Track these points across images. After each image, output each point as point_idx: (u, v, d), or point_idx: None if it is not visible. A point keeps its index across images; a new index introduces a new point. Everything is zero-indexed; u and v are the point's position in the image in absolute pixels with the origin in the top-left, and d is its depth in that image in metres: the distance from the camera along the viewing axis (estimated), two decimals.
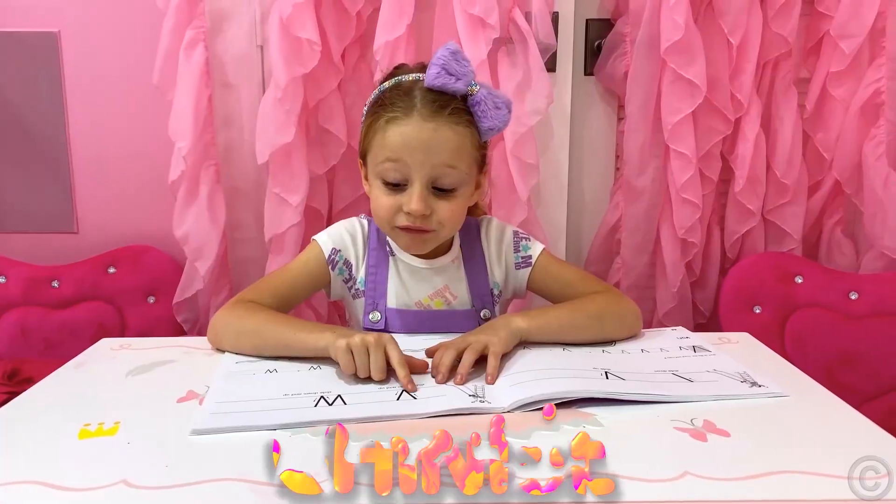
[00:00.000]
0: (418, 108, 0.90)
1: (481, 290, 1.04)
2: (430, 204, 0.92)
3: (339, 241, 1.03)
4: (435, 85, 0.90)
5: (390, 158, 0.91)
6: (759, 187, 1.45)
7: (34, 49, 1.48)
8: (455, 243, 1.05)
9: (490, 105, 0.92)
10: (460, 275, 1.04)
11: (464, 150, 0.92)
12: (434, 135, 0.90)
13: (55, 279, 1.48)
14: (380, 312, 1.01)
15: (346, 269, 1.03)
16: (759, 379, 0.79)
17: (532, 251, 1.06)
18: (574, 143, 1.49)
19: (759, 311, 1.44)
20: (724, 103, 1.41)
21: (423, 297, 1.02)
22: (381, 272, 1.03)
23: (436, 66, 0.90)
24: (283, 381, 0.80)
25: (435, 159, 0.90)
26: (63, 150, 1.52)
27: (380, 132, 0.93)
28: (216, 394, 0.77)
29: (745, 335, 0.96)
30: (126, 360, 0.87)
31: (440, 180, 0.92)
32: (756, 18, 1.38)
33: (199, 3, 1.36)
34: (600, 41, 1.47)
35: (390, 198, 0.93)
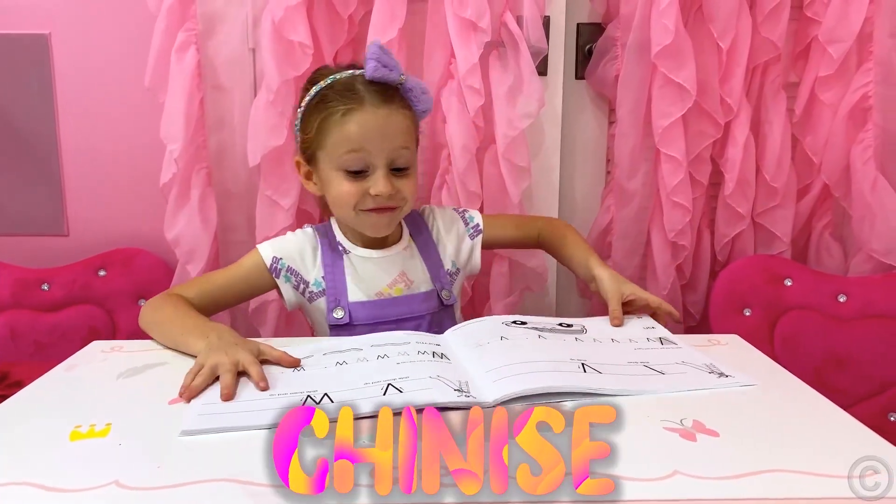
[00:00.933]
0: (368, 99, 0.99)
1: (438, 271, 1.11)
2: (394, 184, 1.00)
3: (280, 250, 1.08)
4: (375, 77, 1.00)
5: (353, 149, 0.99)
6: (749, 190, 1.46)
7: (24, 51, 1.48)
8: (404, 232, 1.12)
9: (419, 91, 1.05)
10: (415, 260, 1.10)
11: (411, 132, 1.04)
12: (387, 121, 1.00)
13: (45, 282, 1.48)
14: (343, 308, 1.04)
15: (292, 276, 1.07)
16: (726, 370, 0.82)
17: (477, 219, 1.18)
18: (565, 146, 1.50)
19: (748, 313, 1.45)
20: (714, 107, 1.42)
21: (383, 286, 1.07)
22: (338, 270, 1.07)
23: (372, 61, 1.00)
24: (270, 381, 0.80)
25: (392, 143, 1.00)
26: (53, 153, 1.52)
27: (336, 126, 1.00)
28: (204, 394, 0.77)
29: (734, 337, 0.97)
30: (117, 363, 0.87)
31: (397, 161, 1.01)
32: (745, 23, 1.39)
33: (191, 5, 1.35)
34: (591, 45, 1.48)
35: (354, 185, 1.00)
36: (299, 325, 1.44)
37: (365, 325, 1.04)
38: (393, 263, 1.08)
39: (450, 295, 1.09)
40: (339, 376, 0.81)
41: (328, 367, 0.84)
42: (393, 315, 1.05)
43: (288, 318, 1.44)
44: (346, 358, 0.86)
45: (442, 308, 1.09)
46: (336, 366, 0.84)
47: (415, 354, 0.85)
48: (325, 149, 1.02)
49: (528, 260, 1.42)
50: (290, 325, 1.44)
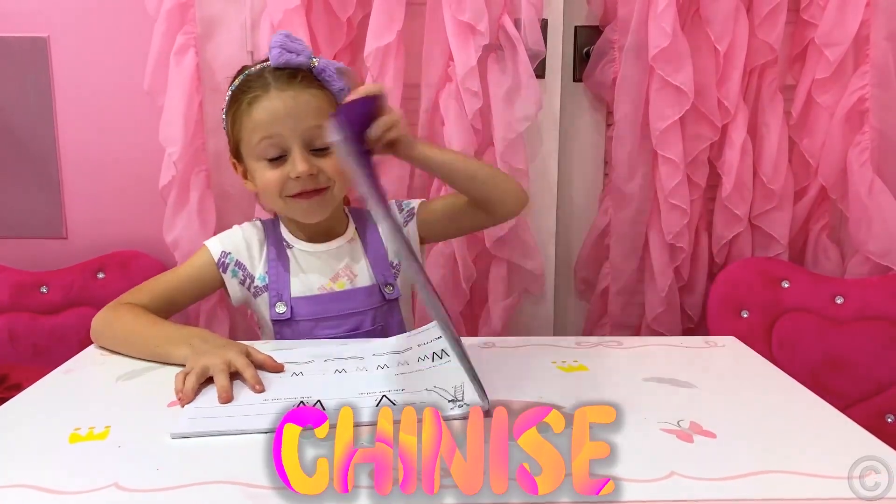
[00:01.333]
0: (272, 84, 0.99)
1: (381, 265, 1.08)
2: (313, 164, 0.98)
3: (228, 244, 1.07)
4: (280, 63, 0.99)
5: (265, 136, 0.98)
6: (746, 193, 1.47)
7: (23, 54, 1.48)
8: (350, 226, 1.10)
9: (333, 71, 1.02)
10: (358, 254, 1.08)
11: (325, 111, 0.99)
12: (294, 101, 0.98)
13: (43, 285, 1.48)
14: (285, 303, 1.03)
15: (240, 269, 1.06)
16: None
17: (414, 203, 1.13)
18: (563, 149, 1.50)
19: (746, 315, 1.46)
20: (712, 110, 1.42)
21: (326, 281, 1.05)
22: (282, 265, 1.06)
23: (276, 48, 1.00)
24: (265, 384, 0.80)
25: (303, 123, 0.98)
26: (52, 155, 1.52)
27: (245, 116, 1.00)
28: (198, 398, 0.77)
29: (732, 339, 0.97)
30: (115, 366, 0.87)
31: (314, 141, 0.99)
32: (742, 26, 1.39)
33: (190, 8, 1.36)
34: (589, 48, 1.48)
35: (275, 171, 0.99)
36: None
37: (307, 320, 1.03)
38: (336, 257, 1.07)
39: (393, 289, 1.07)
40: (336, 384, 0.80)
41: (326, 374, 0.83)
42: (334, 311, 1.04)
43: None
44: (345, 366, 0.86)
45: (385, 303, 1.06)
46: (335, 373, 0.84)
47: (415, 363, 0.85)
48: (243, 141, 1.02)
49: (525, 262, 1.42)
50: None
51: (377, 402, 0.75)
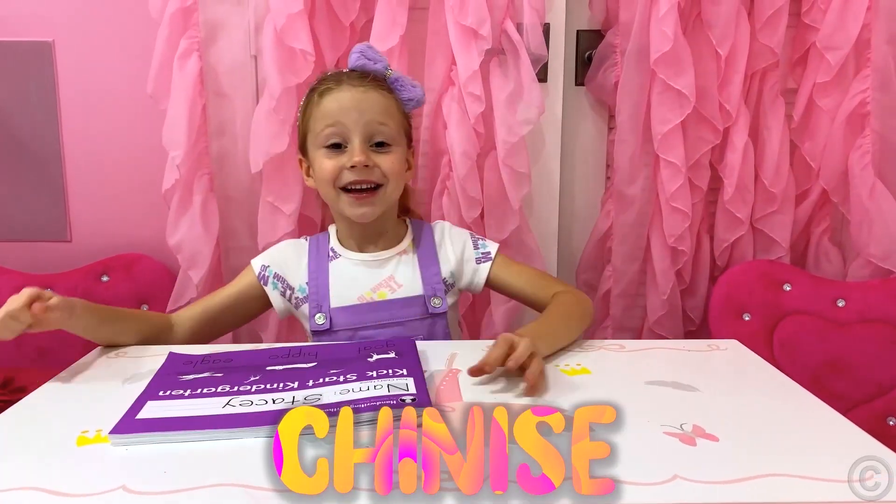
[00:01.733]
0: (345, 80, 1.05)
1: (432, 278, 1.09)
2: (370, 157, 1.02)
3: (268, 259, 1.11)
4: (357, 65, 1.06)
5: (329, 124, 1.02)
6: (748, 196, 1.47)
7: (28, 58, 1.49)
8: (406, 237, 1.12)
9: (407, 82, 1.08)
10: (409, 264, 1.09)
11: (392, 112, 1.05)
12: (364, 96, 1.03)
13: (48, 287, 1.45)
14: (324, 314, 1.05)
15: (279, 282, 1.08)
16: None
17: (490, 248, 1.15)
18: (565, 152, 1.50)
19: (748, 318, 1.46)
20: (713, 113, 1.42)
21: (366, 290, 1.07)
22: (322, 275, 1.08)
23: (355, 53, 1.07)
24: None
25: (367, 116, 1.02)
26: (56, 159, 1.53)
27: (315, 107, 1.05)
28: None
29: (734, 342, 0.97)
30: (121, 368, 0.88)
31: (375, 136, 1.03)
32: (744, 30, 1.40)
33: (194, 13, 1.36)
34: (591, 52, 1.48)
35: (333, 160, 1.03)
36: (301, 330, 1.44)
37: (346, 330, 1.04)
38: (381, 266, 1.08)
39: (441, 302, 1.07)
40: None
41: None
42: (372, 320, 1.04)
43: (291, 323, 1.44)
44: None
45: (429, 315, 1.06)
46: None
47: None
48: (310, 132, 1.06)
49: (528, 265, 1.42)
50: (292, 331, 1.45)
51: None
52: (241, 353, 0.92)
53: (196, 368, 0.85)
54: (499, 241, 1.38)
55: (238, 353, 0.92)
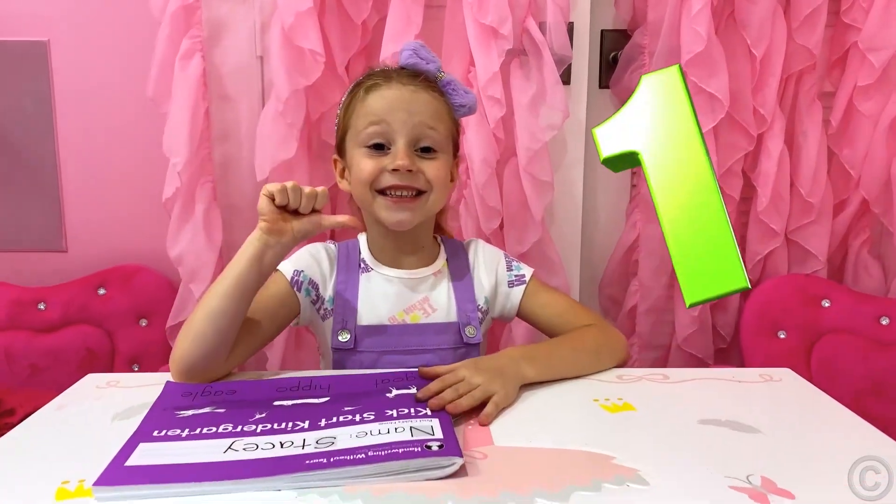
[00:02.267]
0: (396, 77, 0.95)
1: (467, 304, 0.98)
2: (415, 161, 0.92)
3: (300, 263, 0.98)
4: (408, 63, 0.96)
5: (373, 122, 0.92)
6: (783, 206, 1.39)
7: (22, 59, 1.41)
8: (440, 256, 1.02)
9: (460, 87, 0.98)
10: (444, 287, 0.99)
11: (442, 116, 0.95)
12: (414, 96, 0.93)
13: (41, 301, 1.40)
14: (349, 331, 0.94)
15: (313, 288, 0.97)
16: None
17: (524, 272, 1.04)
18: (588, 159, 1.42)
19: (783, 336, 1.38)
20: (747, 118, 1.35)
21: (398, 311, 0.97)
22: (350, 289, 0.97)
23: (408, 50, 0.96)
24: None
25: (416, 119, 0.92)
26: (52, 165, 1.45)
27: (360, 103, 0.95)
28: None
29: (788, 372, 0.88)
30: (112, 401, 0.79)
31: (422, 140, 0.93)
32: (780, 29, 1.32)
33: (196, 11, 1.29)
34: (616, 53, 1.41)
35: (374, 160, 0.93)
36: (308, 348, 1.36)
37: (371, 352, 0.94)
38: (416, 286, 0.98)
39: (475, 332, 0.96)
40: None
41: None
42: (402, 345, 0.94)
43: (298, 340, 1.36)
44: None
45: (463, 345, 0.96)
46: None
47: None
48: (351, 129, 0.96)
49: (549, 279, 1.34)
50: (299, 347, 1.37)
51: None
52: (245, 383, 0.84)
53: (196, 402, 0.76)
54: (519, 254, 1.32)
55: (242, 383, 0.84)
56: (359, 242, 1.02)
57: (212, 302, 0.84)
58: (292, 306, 0.96)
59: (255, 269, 0.84)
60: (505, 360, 0.84)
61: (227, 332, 0.84)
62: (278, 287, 0.95)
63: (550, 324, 1.00)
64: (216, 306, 0.83)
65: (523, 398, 0.80)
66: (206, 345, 0.83)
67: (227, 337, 0.84)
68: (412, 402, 0.73)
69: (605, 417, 0.74)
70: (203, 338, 0.83)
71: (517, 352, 0.89)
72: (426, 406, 0.72)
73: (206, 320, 0.83)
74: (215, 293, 0.84)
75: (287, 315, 0.96)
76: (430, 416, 0.69)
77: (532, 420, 0.74)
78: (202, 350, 0.83)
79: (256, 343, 0.92)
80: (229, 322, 0.84)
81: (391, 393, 0.76)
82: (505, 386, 0.79)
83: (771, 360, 1.36)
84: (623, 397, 0.79)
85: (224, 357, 0.85)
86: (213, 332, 0.83)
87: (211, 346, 0.83)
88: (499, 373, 0.80)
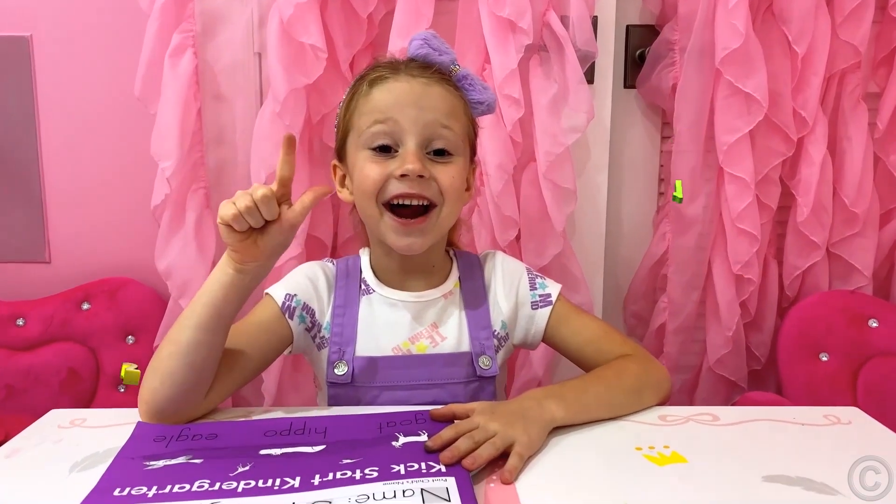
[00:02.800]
0: (405, 69, 0.83)
1: (481, 331, 0.86)
2: (426, 166, 0.80)
3: (293, 286, 0.87)
4: (418, 54, 0.85)
5: (378, 119, 0.80)
6: (825, 217, 1.28)
7: (3, 56, 1.33)
8: (452, 274, 0.89)
9: (477, 82, 0.87)
10: (455, 311, 0.87)
11: (457, 114, 0.84)
12: (426, 89, 0.82)
13: (20, 316, 1.31)
14: (346, 363, 0.83)
15: (307, 315, 0.86)
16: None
17: (550, 290, 0.91)
18: (613, 164, 1.32)
19: (825, 358, 1.26)
20: (786, 121, 1.24)
21: (402, 340, 0.85)
22: (350, 313, 0.86)
23: (418, 40, 0.85)
24: None
25: (428, 116, 0.80)
26: (34, 169, 1.36)
27: (362, 99, 0.83)
28: None
29: (856, 412, 0.77)
30: (73, 445, 0.68)
31: (435, 141, 0.81)
32: (823, 25, 1.22)
33: (188, 3, 1.20)
34: (643, 50, 1.30)
35: (379, 165, 0.80)
36: (308, 371, 1.26)
37: (370, 387, 0.83)
38: (424, 311, 0.86)
39: (490, 363, 0.84)
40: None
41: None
42: (406, 379, 0.82)
43: (295, 361, 1.26)
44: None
45: (476, 378, 0.84)
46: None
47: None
48: (353, 129, 0.84)
49: (571, 296, 1.23)
50: (297, 370, 1.26)
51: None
52: (228, 425, 0.73)
53: (169, 449, 0.65)
54: (538, 268, 1.21)
55: (225, 425, 0.73)
56: (360, 259, 0.91)
57: (182, 335, 0.73)
58: (283, 335, 0.85)
59: (230, 295, 0.74)
60: (528, 402, 0.73)
61: (201, 369, 0.73)
62: (267, 314, 0.84)
63: (581, 353, 0.88)
64: (187, 339, 0.73)
65: (552, 446, 0.69)
66: (176, 384, 0.73)
67: (201, 374, 0.74)
68: (422, 453, 0.62)
69: (651, 471, 0.63)
70: (172, 376, 0.72)
71: (542, 392, 0.77)
72: (439, 458, 0.61)
73: (176, 356, 0.73)
74: (185, 325, 0.74)
75: (277, 345, 0.85)
76: (444, 472, 0.58)
77: (565, 475, 0.63)
78: (173, 390, 0.72)
79: (240, 378, 0.81)
80: (204, 357, 0.73)
81: (398, 441, 0.65)
82: (528, 431, 0.68)
83: (812, 386, 1.26)
84: (670, 444, 0.68)
85: (200, 396, 0.75)
86: (185, 369, 0.72)
87: (182, 385, 0.73)
88: (520, 416, 0.69)
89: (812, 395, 1.25)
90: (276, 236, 0.74)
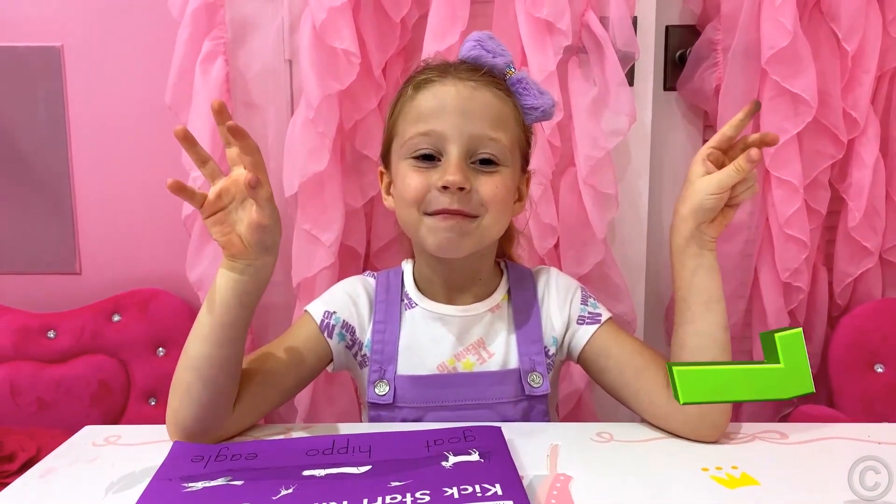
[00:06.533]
0: (453, 72, 0.79)
1: (531, 346, 0.82)
2: (469, 178, 0.76)
3: (331, 303, 0.84)
4: (470, 56, 0.80)
5: (422, 129, 0.77)
6: (878, 222, 1.24)
7: (34, 66, 1.32)
8: (500, 288, 0.85)
9: (532, 86, 0.82)
10: (502, 326, 0.83)
11: (506, 122, 0.79)
12: (473, 94, 0.77)
13: (51, 328, 1.29)
14: (387, 383, 0.79)
15: (347, 332, 0.83)
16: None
17: (601, 312, 0.86)
18: (654, 169, 1.28)
19: (881, 370, 1.21)
20: (836, 122, 1.19)
21: (448, 357, 0.81)
22: (391, 329, 0.82)
23: (471, 41, 0.82)
24: None
25: (473, 126, 0.76)
26: (65, 180, 1.35)
27: (407, 103, 0.80)
28: None
29: None
30: (109, 465, 0.66)
31: (479, 152, 0.77)
32: (874, 21, 1.17)
33: (219, 10, 1.18)
34: (683, 51, 1.26)
35: (421, 175, 0.77)
36: (342, 384, 1.23)
37: (413, 407, 0.79)
38: (471, 326, 0.82)
39: (541, 381, 0.80)
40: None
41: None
42: (452, 398, 0.79)
43: (328, 376, 1.23)
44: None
45: (525, 398, 0.80)
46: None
47: None
48: (397, 136, 0.81)
49: (614, 306, 1.19)
50: (330, 383, 1.23)
51: None
52: (268, 444, 0.70)
53: (208, 470, 0.62)
54: (578, 276, 1.16)
55: (265, 444, 0.70)
56: (402, 272, 0.87)
57: (193, 348, 0.71)
58: (322, 354, 0.82)
59: (230, 300, 0.71)
60: None
61: (217, 384, 0.71)
62: (305, 332, 0.81)
63: (614, 385, 0.81)
64: (197, 353, 0.71)
65: (614, 463, 0.65)
66: (194, 402, 0.70)
67: (221, 389, 0.71)
68: (475, 475, 0.59)
69: (722, 495, 0.58)
70: (189, 393, 0.70)
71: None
72: (495, 481, 0.57)
73: (189, 370, 0.71)
74: (194, 337, 0.72)
75: (316, 364, 0.82)
76: (500, 496, 0.55)
77: (631, 499, 0.59)
78: (192, 408, 0.70)
79: (275, 396, 0.78)
80: (217, 371, 0.71)
81: (447, 461, 0.61)
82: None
83: (867, 398, 1.21)
84: (738, 465, 0.63)
85: (224, 413, 0.72)
86: (200, 384, 0.70)
87: (200, 401, 0.70)
88: None
89: (867, 409, 1.20)
90: (241, 225, 0.73)
